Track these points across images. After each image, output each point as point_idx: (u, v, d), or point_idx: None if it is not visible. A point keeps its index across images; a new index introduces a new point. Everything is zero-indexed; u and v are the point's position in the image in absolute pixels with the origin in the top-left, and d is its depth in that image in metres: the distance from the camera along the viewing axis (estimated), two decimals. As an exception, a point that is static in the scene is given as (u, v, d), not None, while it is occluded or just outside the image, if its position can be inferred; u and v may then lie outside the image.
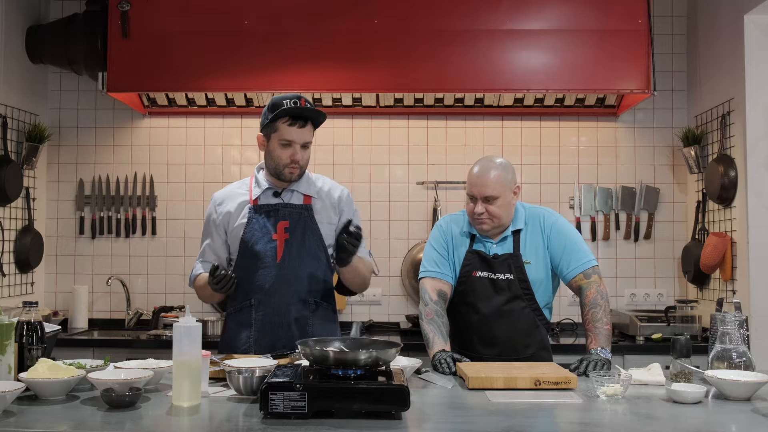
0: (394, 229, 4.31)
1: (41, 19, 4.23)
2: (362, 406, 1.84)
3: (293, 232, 2.70)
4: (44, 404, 1.99)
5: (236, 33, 3.81)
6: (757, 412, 1.96)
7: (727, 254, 3.70)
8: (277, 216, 2.72)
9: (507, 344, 2.72)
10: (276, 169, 2.70)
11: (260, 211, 2.73)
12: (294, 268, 2.69)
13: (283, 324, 2.69)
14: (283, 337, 2.66)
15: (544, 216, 2.79)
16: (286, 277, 2.69)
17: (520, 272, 2.72)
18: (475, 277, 2.75)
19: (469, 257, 2.77)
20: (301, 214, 2.73)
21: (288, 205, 2.73)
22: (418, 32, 3.80)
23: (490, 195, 2.67)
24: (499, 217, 2.70)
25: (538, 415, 1.94)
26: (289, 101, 2.63)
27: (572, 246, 2.73)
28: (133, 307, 4.25)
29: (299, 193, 2.76)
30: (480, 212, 2.70)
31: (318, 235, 2.73)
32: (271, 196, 2.75)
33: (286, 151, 2.66)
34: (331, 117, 4.29)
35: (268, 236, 2.70)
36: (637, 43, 3.77)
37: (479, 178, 2.70)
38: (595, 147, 4.31)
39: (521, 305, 2.72)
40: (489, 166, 2.72)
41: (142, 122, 4.36)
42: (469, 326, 2.77)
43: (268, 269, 2.69)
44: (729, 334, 2.31)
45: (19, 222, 4.06)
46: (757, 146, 3.56)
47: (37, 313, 2.24)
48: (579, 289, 2.72)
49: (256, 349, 2.66)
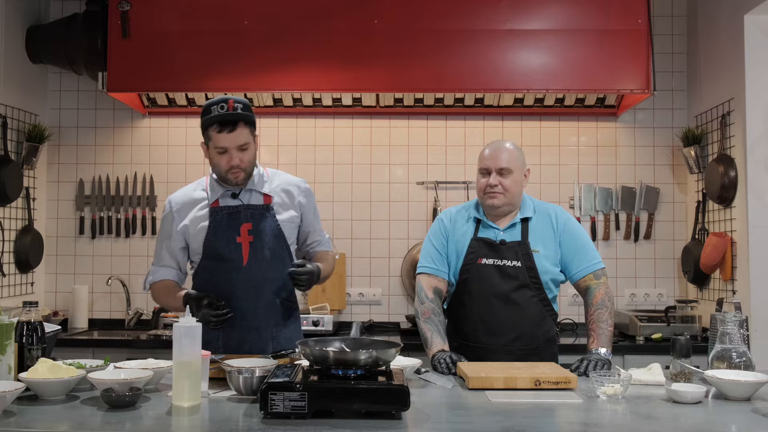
0: (394, 229, 4.31)
1: (41, 19, 4.23)
2: (362, 406, 1.84)
3: (257, 235, 2.66)
4: (44, 404, 1.99)
5: (236, 33, 3.81)
6: (757, 412, 1.96)
7: (727, 254, 3.70)
8: (239, 218, 2.67)
9: (513, 334, 2.67)
10: (220, 175, 2.66)
11: (221, 213, 2.67)
12: (261, 271, 2.66)
13: (252, 327, 2.66)
14: (251, 340, 2.64)
15: (557, 212, 2.79)
16: (253, 281, 2.65)
17: (528, 260, 2.69)
18: (481, 264, 2.71)
19: (474, 244, 2.74)
20: (262, 215, 2.69)
21: (249, 206, 2.69)
22: (418, 32, 3.80)
23: (505, 167, 2.69)
24: (512, 192, 2.70)
25: (538, 415, 1.94)
26: (216, 106, 2.56)
27: (583, 246, 2.74)
28: (133, 307, 4.25)
29: (258, 192, 2.71)
30: (494, 184, 2.69)
31: (281, 236, 2.70)
32: (230, 198, 2.70)
33: (223, 158, 2.59)
34: (331, 117, 4.31)
35: (232, 239, 2.66)
36: (637, 43, 3.77)
37: (494, 152, 2.73)
38: (595, 147, 4.31)
39: (529, 294, 2.68)
40: (502, 144, 2.78)
41: (142, 122, 4.36)
42: (473, 316, 2.71)
43: (235, 273, 2.65)
44: (729, 334, 2.31)
45: (19, 222, 4.06)
46: (757, 146, 3.56)
47: (37, 313, 2.24)
48: (587, 289, 2.72)
49: (225, 352, 2.62)
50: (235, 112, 2.56)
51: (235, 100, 2.57)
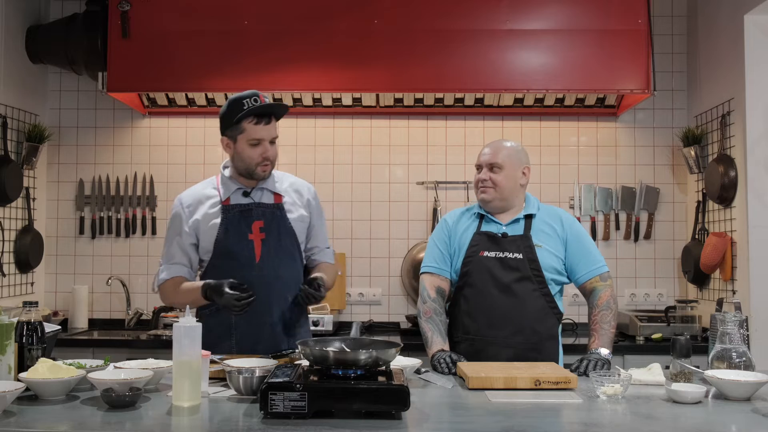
0: (394, 229, 4.31)
1: (41, 19, 4.23)
2: (362, 406, 1.84)
3: (269, 232, 2.68)
4: (44, 404, 1.99)
5: (236, 33, 3.81)
6: (757, 412, 1.96)
7: (727, 254, 3.70)
8: (251, 215, 2.68)
9: (515, 327, 2.66)
10: (248, 169, 2.66)
11: (233, 211, 2.69)
12: (273, 268, 2.66)
13: (266, 324, 2.66)
14: (266, 339, 2.63)
15: (564, 214, 2.83)
16: (266, 278, 2.65)
17: (529, 252, 2.70)
18: (483, 257, 2.72)
19: (477, 238, 2.76)
20: (274, 213, 2.70)
21: (260, 204, 2.70)
22: (418, 32, 3.80)
23: (495, 162, 2.75)
24: (501, 187, 2.74)
25: (538, 415, 1.94)
26: (249, 100, 2.61)
27: (589, 249, 2.77)
28: (133, 307, 4.25)
29: (269, 191, 2.73)
30: (484, 178, 2.75)
31: (292, 234, 2.72)
32: (241, 196, 2.71)
33: (256, 150, 2.63)
34: (331, 117, 4.31)
35: (244, 236, 2.66)
36: (637, 43, 3.77)
37: (488, 149, 2.82)
38: (595, 147, 4.31)
39: (531, 287, 2.68)
40: (500, 142, 2.87)
41: (142, 122, 4.36)
42: (475, 308, 2.71)
43: (247, 270, 2.65)
44: (729, 334, 2.31)
45: (19, 222, 4.06)
46: (757, 146, 3.56)
47: (37, 313, 2.24)
48: (593, 290, 2.73)
49: (238, 351, 2.61)
50: (272, 104, 2.64)
51: (263, 95, 2.63)
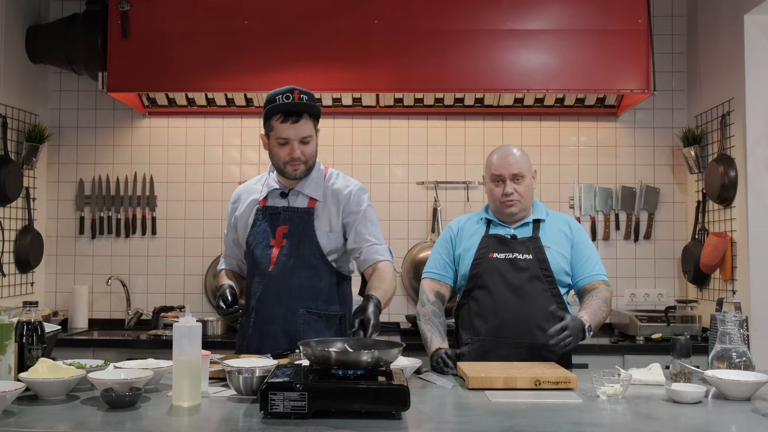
0: (394, 229, 4.30)
1: (41, 19, 4.23)
2: (362, 406, 1.84)
3: (290, 239, 2.63)
4: (44, 404, 1.99)
5: (236, 33, 3.81)
6: (757, 412, 1.96)
7: (727, 254, 3.70)
8: (277, 221, 2.66)
9: (524, 328, 2.65)
10: (278, 168, 2.64)
11: (265, 214, 2.69)
12: (285, 278, 2.61)
13: (270, 333, 2.63)
14: (268, 347, 2.58)
15: (572, 221, 2.85)
16: (275, 287, 2.62)
17: (539, 252, 2.70)
18: (492, 258, 2.72)
19: (486, 240, 2.76)
20: (301, 219, 2.64)
21: (290, 208, 2.66)
22: (418, 32, 3.80)
23: (518, 173, 2.73)
24: (526, 197, 2.75)
25: (538, 415, 1.94)
26: (282, 96, 2.54)
27: (594, 256, 2.80)
28: (133, 307, 4.25)
29: (305, 195, 2.67)
30: (510, 192, 2.71)
31: (314, 242, 2.63)
32: (279, 197, 2.69)
33: (284, 150, 2.58)
34: (331, 117, 4.30)
35: (267, 242, 2.65)
36: (637, 43, 3.77)
37: (504, 159, 2.75)
38: (595, 147, 4.31)
39: (541, 287, 2.68)
40: (509, 149, 2.80)
41: (142, 122, 4.36)
42: (485, 309, 2.70)
43: (262, 276, 2.65)
44: (729, 334, 2.31)
45: (19, 222, 4.06)
46: (757, 146, 3.56)
47: (37, 313, 2.24)
48: (593, 289, 2.74)
49: (247, 352, 2.62)
50: (301, 103, 2.54)
51: (300, 91, 2.54)
